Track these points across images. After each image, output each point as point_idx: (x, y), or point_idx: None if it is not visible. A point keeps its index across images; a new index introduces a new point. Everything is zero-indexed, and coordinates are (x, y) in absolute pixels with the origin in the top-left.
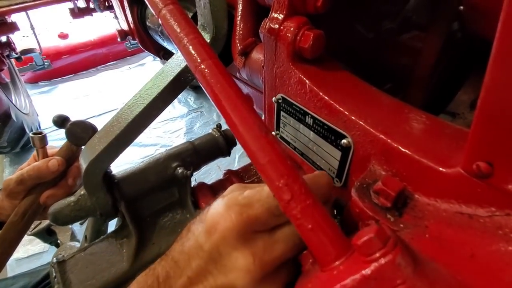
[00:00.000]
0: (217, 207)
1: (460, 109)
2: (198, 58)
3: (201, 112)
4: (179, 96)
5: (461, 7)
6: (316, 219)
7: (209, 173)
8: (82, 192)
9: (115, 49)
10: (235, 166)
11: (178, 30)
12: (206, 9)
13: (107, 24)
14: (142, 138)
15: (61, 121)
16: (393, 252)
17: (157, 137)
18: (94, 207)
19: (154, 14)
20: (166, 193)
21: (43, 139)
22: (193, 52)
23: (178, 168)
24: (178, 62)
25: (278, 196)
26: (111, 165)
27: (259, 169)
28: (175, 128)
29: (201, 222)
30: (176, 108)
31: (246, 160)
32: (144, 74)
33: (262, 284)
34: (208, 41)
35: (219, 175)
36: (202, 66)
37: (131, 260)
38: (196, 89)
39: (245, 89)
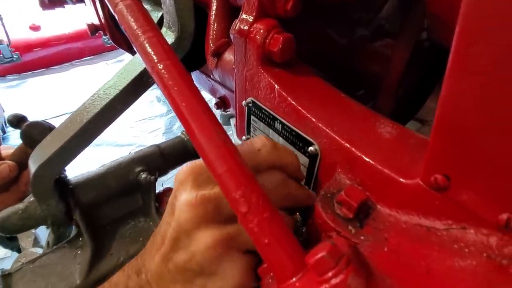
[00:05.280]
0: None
1: (428, 116)
2: (155, 58)
3: None
4: (158, 94)
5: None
6: (273, 233)
7: None
8: (31, 199)
9: (91, 44)
10: None
11: (135, 27)
12: (171, 6)
13: (83, 16)
14: (117, 137)
15: (16, 121)
16: (345, 272)
17: (133, 136)
18: (45, 216)
19: (111, 9)
20: (128, 199)
21: None
22: (150, 51)
23: (142, 173)
24: (141, 60)
25: (235, 208)
26: (67, 168)
27: (217, 179)
28: (153, 127)
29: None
30: (155, 107)
31: None
32: None
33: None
34: (173, 40)
35: None
36: (160, 67)
37: (84, 273)
38: None
39: (222, 91)
